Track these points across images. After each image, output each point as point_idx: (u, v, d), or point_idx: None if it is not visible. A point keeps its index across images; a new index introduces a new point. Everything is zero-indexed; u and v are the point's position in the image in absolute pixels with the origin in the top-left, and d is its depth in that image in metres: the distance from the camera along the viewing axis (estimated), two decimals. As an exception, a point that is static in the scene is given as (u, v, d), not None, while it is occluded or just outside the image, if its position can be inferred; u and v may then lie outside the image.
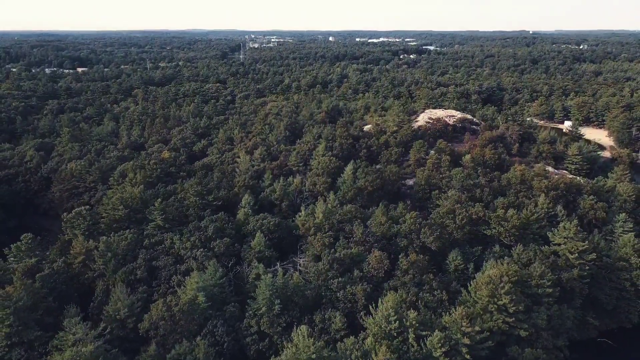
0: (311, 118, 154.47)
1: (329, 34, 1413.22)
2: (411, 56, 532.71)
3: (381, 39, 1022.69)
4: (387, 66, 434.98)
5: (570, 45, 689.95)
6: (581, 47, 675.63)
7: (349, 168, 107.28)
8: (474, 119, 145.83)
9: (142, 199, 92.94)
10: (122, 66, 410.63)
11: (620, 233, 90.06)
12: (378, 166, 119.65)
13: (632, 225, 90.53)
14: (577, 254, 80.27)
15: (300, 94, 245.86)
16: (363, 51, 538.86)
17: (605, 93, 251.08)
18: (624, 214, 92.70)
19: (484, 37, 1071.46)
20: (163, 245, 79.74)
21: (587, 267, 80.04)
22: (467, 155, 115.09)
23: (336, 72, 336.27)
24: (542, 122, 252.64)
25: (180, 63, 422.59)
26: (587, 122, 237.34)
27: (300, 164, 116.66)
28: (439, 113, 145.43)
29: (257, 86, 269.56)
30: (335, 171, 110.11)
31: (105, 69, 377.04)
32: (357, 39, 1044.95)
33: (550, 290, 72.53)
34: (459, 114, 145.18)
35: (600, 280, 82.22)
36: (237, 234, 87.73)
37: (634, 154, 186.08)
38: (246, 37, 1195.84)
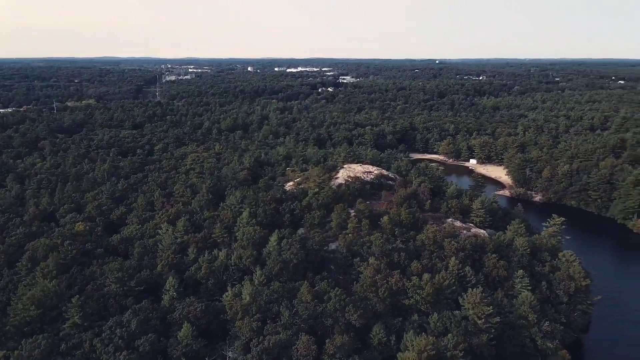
0: (234, 178, 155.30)
1: (248, 62, 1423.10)
2: (329, 89, 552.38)
3: (299, 69, 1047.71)
4: (306, 101, 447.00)
5: (472, 77, 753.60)
6: (481, 78, 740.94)
7: (273, 239, 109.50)
8: (390, 174, 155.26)
9: (56, 293, 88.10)
10: (25, 106, 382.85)
11: (519, 289, 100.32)
12: (301, 231, 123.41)
13: (528, 281, 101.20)
14: (484, 319, 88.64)
15: (221, 140, 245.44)
16: (282, 85, 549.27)
17: (502, 132, 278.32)
18: (521, 270, 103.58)
19: (396, 66, 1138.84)
20: (82, 350, 76.20)
21: (493, 330, 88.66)
22: (385, 216, 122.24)
23: (257, 112, 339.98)
24: (450, 160, 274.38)
25: (91, 102, 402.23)
26: (489, 159, 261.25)
27: (225, 235, 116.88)
28: (357, 169, 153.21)
29: (176, 131, 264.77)
30: (260, 241, 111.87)
31: (4, 110, 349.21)
32: (276, 69, 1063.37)
33: (463, 360, 79.58)
34: (375, 170, 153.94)
35: (505, 339, 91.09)
36: (162, 323, 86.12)
37: (528, 192, 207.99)
38: (162, 66, 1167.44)
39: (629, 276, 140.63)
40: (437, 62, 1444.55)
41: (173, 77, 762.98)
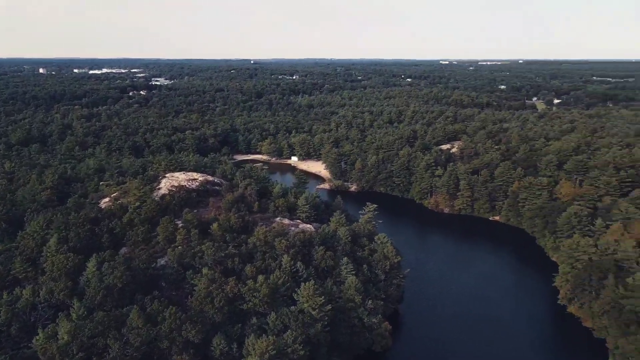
0: (34, 200, 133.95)
1: (38, 62, 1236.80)
2: (142, 92, 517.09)
3: (104, 70, 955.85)
4: (116, 106, 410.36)
5: (286, 77, 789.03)
6: (294, 77, 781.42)
7: (91, 264, 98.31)
8: (215, 179, 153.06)
9: None
10: None
11: (345, 275, 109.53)
12: (124, 250, 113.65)
13: (352, 267, 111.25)
14: (318, 309, 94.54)
15: (11, 156, 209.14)
16: (85, 89, 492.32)
17: (318, 129, 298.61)
18: (346, 257, 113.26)
19: (212, 66, 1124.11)
20: None
21: (326, 318, 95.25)
22: (214, 223, 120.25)
23: (56, 121, 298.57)
24: (273, 159, 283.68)
25: None
26: (308, 156, 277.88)
27: (29, 269, 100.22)
28: (180, 177, 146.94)
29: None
30: (75, 269, 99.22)
31: None
32: (76, 70, 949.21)
33: (303, 352, 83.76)
34: (200, 176, 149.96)
35: (337, 323, 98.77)
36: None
37: (345, 183, 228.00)
38: None
39: (427, 246, 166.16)
40: (252, 62, 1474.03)
41: None
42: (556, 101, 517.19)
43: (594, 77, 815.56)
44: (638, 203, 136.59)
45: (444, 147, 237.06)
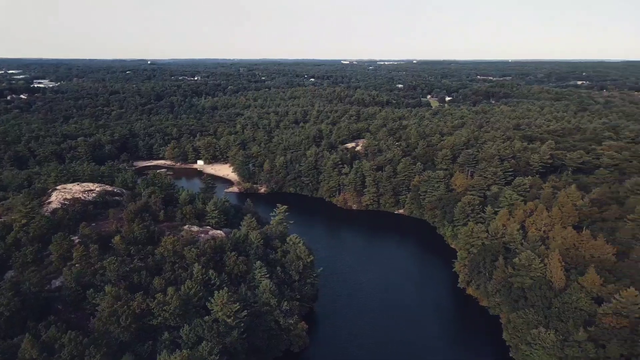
0: None
1: None
2: (22, 96, 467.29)
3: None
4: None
5: (186, 78, 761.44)
6: (196, 78, 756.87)
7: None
8: (115, 189, 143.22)
9: None
10: None
11: (259, 279, 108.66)
12: (11, 274, 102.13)
13: (265, 270, 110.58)
14: (233, 316, 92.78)
15: None
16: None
17: (224, 132, 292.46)
18: (259, 261, 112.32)
19: (104, 67, 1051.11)
20: None
21: (242, 324, 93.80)
22: (116, 236, 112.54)
23: None
24: (178, 164, 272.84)
25: None
26: (215, 159, 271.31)
27: None
28: (74, 189, 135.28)
29: None
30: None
31: None
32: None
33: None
34: (97, 187, 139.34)
35: (254, 328, 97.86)
36: None
37: (254, 186, 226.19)
38: None
39: (338, 243, 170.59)
40: (149, 62, 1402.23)
41: None
42: (447, 99, 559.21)
43: (478, 76, 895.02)
44: (519, 190, 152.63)
45: (349, 145, 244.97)
